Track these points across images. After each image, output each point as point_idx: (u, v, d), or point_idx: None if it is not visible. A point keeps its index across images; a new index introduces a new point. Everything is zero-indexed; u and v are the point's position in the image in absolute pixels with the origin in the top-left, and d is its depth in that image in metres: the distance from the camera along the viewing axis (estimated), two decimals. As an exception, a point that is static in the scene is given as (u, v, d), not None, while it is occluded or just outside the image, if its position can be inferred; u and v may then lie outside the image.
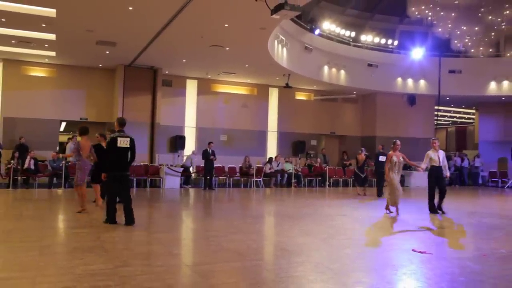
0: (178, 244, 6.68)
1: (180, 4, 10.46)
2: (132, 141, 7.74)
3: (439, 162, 10.31)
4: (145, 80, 17.46)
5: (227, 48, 14.28)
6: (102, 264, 5.02)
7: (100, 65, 17.16)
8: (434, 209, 10.56)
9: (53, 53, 15.28)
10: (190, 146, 18.57)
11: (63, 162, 14.99)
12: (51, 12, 11.23)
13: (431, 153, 10.52)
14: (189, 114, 19.16)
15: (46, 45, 14.23)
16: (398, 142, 10.38)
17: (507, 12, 15.02)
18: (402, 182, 20.35)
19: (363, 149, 16.39)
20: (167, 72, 17.97)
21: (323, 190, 17.51)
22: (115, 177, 7.65)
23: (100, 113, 17.75)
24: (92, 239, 6.47)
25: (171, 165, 16.69)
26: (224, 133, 19.48)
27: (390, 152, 10.45)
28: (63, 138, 19.23)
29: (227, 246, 6.27)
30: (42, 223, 7.79)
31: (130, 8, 10.74)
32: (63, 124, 19.49)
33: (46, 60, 16.36)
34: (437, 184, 10.60)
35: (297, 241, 6.84)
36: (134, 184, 15.91)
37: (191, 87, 19.17)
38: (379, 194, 14.19)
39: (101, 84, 17.74)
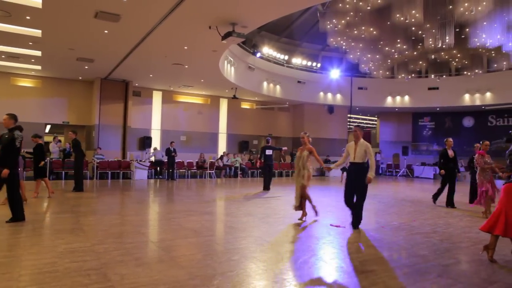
0: (146, 224, 6.51)
1: (148, 29, 10.23)
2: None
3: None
4: (118, 91, 16.85)
5: (186, 66, 14.08)
6: (81, 243, 4.81)
7: (80, 77, 16.36)
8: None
9: (39, 67, 14.43)
10: (156, 145, 18.19)
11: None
12: (37, 32, 10.65)
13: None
14: (155, 118, 18.72)
15: (33, 60, 13.42)
16: (302, 134, 7.64)
17: (399, 45, 15.74)
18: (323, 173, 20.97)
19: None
20: (137, 84, 17.43)
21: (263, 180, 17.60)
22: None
23: (80, 118, 16.99)
24: (72, 222, 6.19)
25: (140, 160, 16.23)
26: (183, 134, 19.20)
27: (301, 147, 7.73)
28: (48, 138, 18.37)
29: (186, 226, 6.19)
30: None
31: (106, 32, 10.35)
32: (48, 127, 18.59)
33: (33, 72, 15.41)
34: None
35: (241, 220, 6.86)
36: (109, 176, 15.35)
37: (157, 97, 18.73)
38: (266, 187, 12.44)
39: (80, 93, 16.92)
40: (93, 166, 15.30)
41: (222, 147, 20.33)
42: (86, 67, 14.29)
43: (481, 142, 8.46)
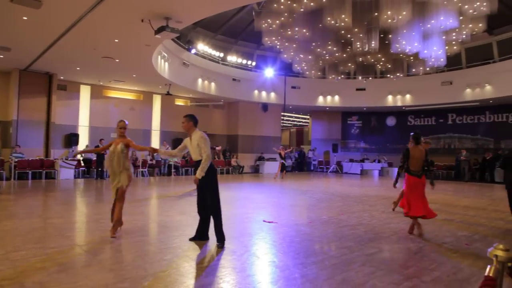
0: (71, 227, 6.11)
1: (74, 18, 9.56)
2: None
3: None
4: (41, 84, 15.51)
5: (117, 60, 13.42)
6: (-6, 251, 4.38)
7: (-5, 68, 14.81)
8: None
9: None
10: (83, 142, 17.14)
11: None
12: None
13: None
14: (83, 114, 17.59)
15: None
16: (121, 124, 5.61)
17: (329, 47, 16.44)
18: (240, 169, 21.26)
19: (281, 146, 19.00)
20: (62, 77, 16.23)
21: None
22: None
23: (-5, 112, 15.38)
24: (-16, 227, 5.61)
25: (66, 159, 15.19)
26: (114, 131, 18.23)
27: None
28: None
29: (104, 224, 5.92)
30: None
31: (25, 18, 9.47)
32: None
33: None
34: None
35: (175, 219, 6.74)
36: (30, 177, 14.14)
37: (85, 92, 17.59)
38: None
39: (-5, 85, 15.32)
40: (10, 165, 13.99)
41: (155, 145, 19.71)
42: (1, 56, 12.98)
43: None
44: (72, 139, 16.60)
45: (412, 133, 6.23)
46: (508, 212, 8.36)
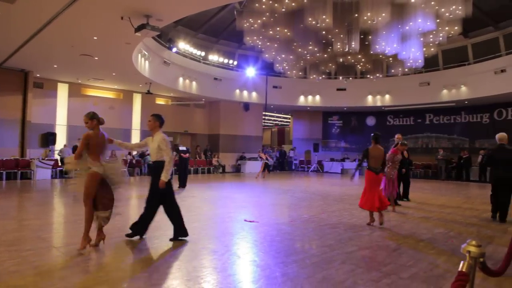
0: (47, 229, 5.96)
1: (50, 14, 9.31)
2: None
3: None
4: (16, 81, 15.06)
5: (96, 58, 13.16)
6: (-34, 254, 4.24)
7: (-34, 64, 14.29)
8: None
9: None
10: (61, 141, 16.74)
11: None
12: None
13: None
14: (60, 113, 17.15)
15: None
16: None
17: (311, 47, 16.56)
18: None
19: (259, 150, 19.58)
20: (38, 75, 15.80)
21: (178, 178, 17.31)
22: None
23: (-34, 110, 14.84)
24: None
25: (43, 159, 14.81)
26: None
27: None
28: None
29: (93, 227, 5.80)
30: None
31: (-2, 14, 9.18)
32: None
33: None
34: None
35: (155, 219, 6.59)
36: (4, 177, 13.72)
37: (62, 90, 17.16)
38: (182, 184, 12.30)
39: (-34, 82, 14.76)
40: (-17, 165, 13.55)
41: (135, 144, 19.47)
42: (-26, 52, 12.57)
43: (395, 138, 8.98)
44: (49, 138, 16.18)
45: (372, 134, 6.84)
46: (482, 210, 8.64)
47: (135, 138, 19.50)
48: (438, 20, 14.26)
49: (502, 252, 4.56)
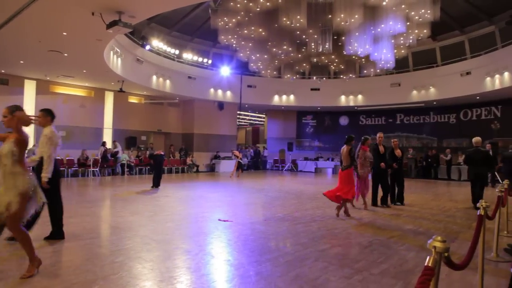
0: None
1: (15, 8, 8.93)
2: None
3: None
4: (-22, 78, 14.47)
5: (66, 54, 12.74)
6: None
7: None
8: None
9: None
10: (29, 141, 16.11)
11: None
12: None
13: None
14: (28, 112, 16.36)
15: None
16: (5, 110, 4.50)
17: (285, 47, 16.67)
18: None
19: (234, 150, 19.58)
20: (3, 71, 15.16)
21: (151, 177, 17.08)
22: None
23: None
24: None
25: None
26: (63, 129, 17.31)
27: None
28: None
29: (64, 229, 5.64)
30: None
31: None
32: None
33: None
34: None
35: (127, 220, 6.54)
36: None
37: (30, 87, 16.52)
38: (156, 184, 11.96)
39: None
40: None
41: (108, 144, 19.01)
42: None
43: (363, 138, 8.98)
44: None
45: (346, 136, 7.84)
46: (448, 207, 8.99)
47: (107, 137, 19.06)
48: (408, 23, 14.68)
49: (466, 247, 4.76)
